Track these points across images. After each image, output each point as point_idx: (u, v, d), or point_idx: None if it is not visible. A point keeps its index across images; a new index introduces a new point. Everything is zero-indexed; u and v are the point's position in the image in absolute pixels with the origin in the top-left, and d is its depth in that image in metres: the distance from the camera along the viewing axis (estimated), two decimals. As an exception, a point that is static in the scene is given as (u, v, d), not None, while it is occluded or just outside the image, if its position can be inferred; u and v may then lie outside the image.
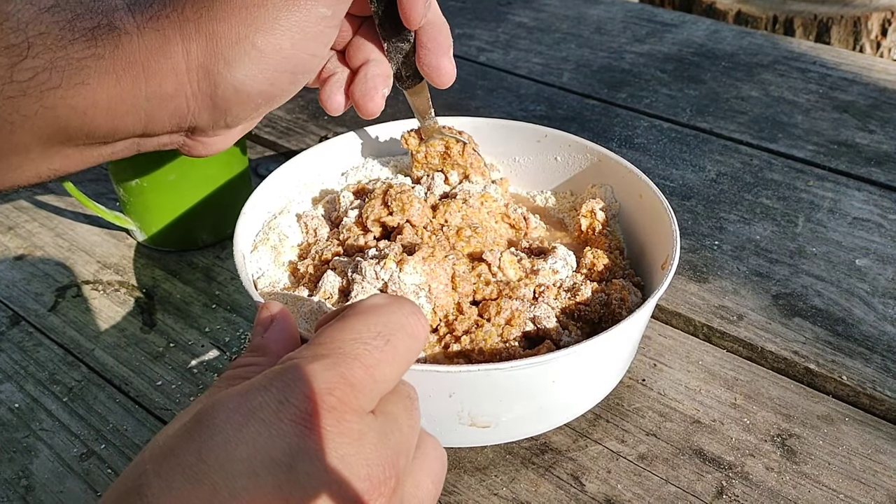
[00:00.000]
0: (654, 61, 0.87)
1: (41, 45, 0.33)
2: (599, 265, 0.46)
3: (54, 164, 0.37)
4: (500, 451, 0.44)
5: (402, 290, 0.41)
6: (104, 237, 0.62)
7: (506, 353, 0.40)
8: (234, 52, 0.37)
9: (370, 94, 0.45)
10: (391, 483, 0.27)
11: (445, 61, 0.45)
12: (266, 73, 0.38)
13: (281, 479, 0.25)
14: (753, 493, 0.41)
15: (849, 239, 0.59)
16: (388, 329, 0.30)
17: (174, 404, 0.47)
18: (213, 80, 0.37)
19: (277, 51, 0.38)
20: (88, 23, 0.35)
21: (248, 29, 0.37)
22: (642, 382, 0.48)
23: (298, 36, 0.38)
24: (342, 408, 0.27)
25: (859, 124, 0.73)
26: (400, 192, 0.47)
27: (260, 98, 0.39)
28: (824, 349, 0.49)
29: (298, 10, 0.38)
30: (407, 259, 0.42)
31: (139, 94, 0.36)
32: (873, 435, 0.44)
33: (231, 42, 0.37)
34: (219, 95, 0.38)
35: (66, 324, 0.53)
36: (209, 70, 0.37)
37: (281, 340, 0.33)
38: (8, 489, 0.43)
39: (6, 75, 0.33)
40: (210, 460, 0.25)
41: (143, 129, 0.37)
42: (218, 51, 0.37)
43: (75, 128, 0.35)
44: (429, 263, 0.42)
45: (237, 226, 0.45)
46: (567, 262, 0.45)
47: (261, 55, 0.38)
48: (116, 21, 0.35)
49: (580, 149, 0.53)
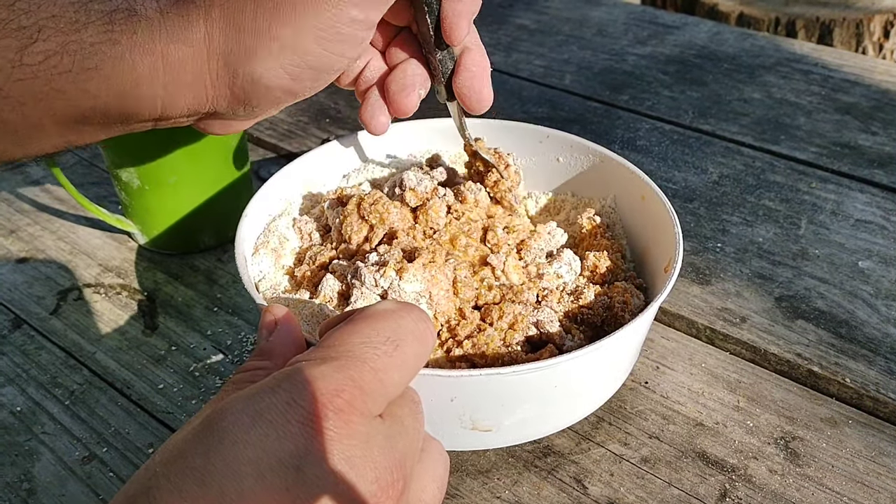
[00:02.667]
0: (655, 63, 0.86)
1: (52, 28, 0.33)
2: (602, 268, 0.46)
3: (69, 137, 0.37)
4: (502, 455, 0.43)
5: (403, 298, 0.41)
6: (106, 240, 0.62)
7: (508, 357, 0.40)
8: (257, 44, 0.36)
9: (407, 90, 0.44)
10: (398, 486, 0.27)
11: (486, 89, 0.45)
12: (288, 69, 0.37)
13: (289, 481, 0.25)
14: (757, 496, 0.41)
15: (852, 241, 0.59)
16: (397, 334, 0.30)
17: (176, 407, 0.47)
18: (233, 70, 0.36)
19: (301, 48, 0.37)
20: (106, 6, 0.34)
21: (274, 22, 0.36)
22: (645, 385, 0.48)
23: (325, 35, 0.37)
24: (350, 410, 0.27)
25: (862, 126, 0.73)
26: (373, 203, 0.45)
27: (280, 91, 0.38)
28: (827, 351, 0.49)
29: (328, 9, 0.36)
30: (407, 267, 0.41)
31: (156, 81, 0.35)
32: (877, 437, 0.44)
33: (255, 33, 0.36)
34: (237, 85, 0.37)
35: (68, 327, 0.53)
36: (229, 59, 0.36)
37: (286, 344, 0.33)
38: (10, 492, 0.42)
39: (16, 58, 0.32)
40: (218, 462, 0.25)
41: (159, 114, 0.37)
42: (241, 39, 0.36)
43: (87, 110, 0.35)
44: (429, 270, 0.42)
45: (239, 229, 0.45)
46: (572, 266, 0.45)
47: (283, 50, 0.37)
48: (137, 4, 0.34)
49: (582, 150, 0.53)
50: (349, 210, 0.46)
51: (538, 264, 0.45)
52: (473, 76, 0.44)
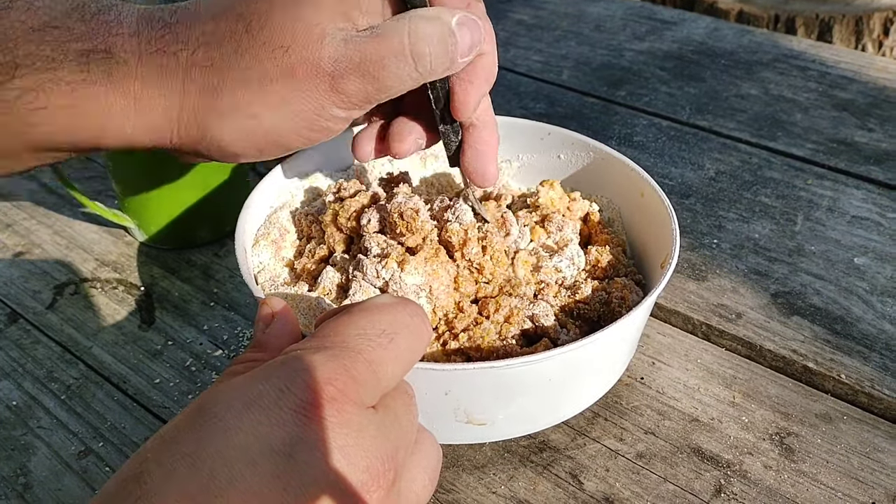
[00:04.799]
0: (653, 59, 0.86)
1: (29, 66, 0.33)
2: (603, 262, 0.46)
3: (44, 160, 0.38)
4: (498, 450, 0.44)
5: (403, 291, 0.41)
6: (102, 235, 0.62)
7: (503, 351, 0.40)
8: (232, 116, 0.37)
9: (402, 134, 0.43)
10: (390, 476, 0.27)
11: (491, 167, 0.44)
12: (258, 144, 0.38)
13: (279, 468, 0.25)
14: (752, 492, 0.41)
15: (847, 237, 0.59)
16: (392, 327, 0.30)
17: (172, 402, 0.47)
18: (203, 131, 0.37)
19: (276, 131, 0.37)
20: (83, 45, 0.34)
21: (254, 98, 0.36)
22: (641, 381, 0.48)
23: (302, 125, 0.37)
24: (343, 399, 0.27)
25: (858, 123, 0.73)
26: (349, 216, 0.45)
27: (243, 158, 0.39)
28: (823, 348, 0.49)
29: (310, 101, 0.36)
30: (409, 259, 0.41)
31: (126, 122, 0.36)
32: (871, 433, 0.44)
33: (233, 106, 0.36)
34: (202, 144, 0.38)
35: (64, 321, 0.53)
36: (200, 119, 0.37)
37: (282, 336, 0.33)
38: (6, 487, 0.42)
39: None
40: (209, 447, 0.25)
41: (126, 145, 0.37)
42: (215, 105, 0.36)
43: (61, 142, 0.36)
44: (431, 264, 0.42)
45: (239, 220, 0.45)
46: (574, 262, 0.45)
47: (257, 127, 0.37)
48: (115, 47, 0.35)
49: (583, 147, 0.53)
50: (326, 222, 0.46)
51: (539, 256, 0.45)
52: (478, 155, 0.44)
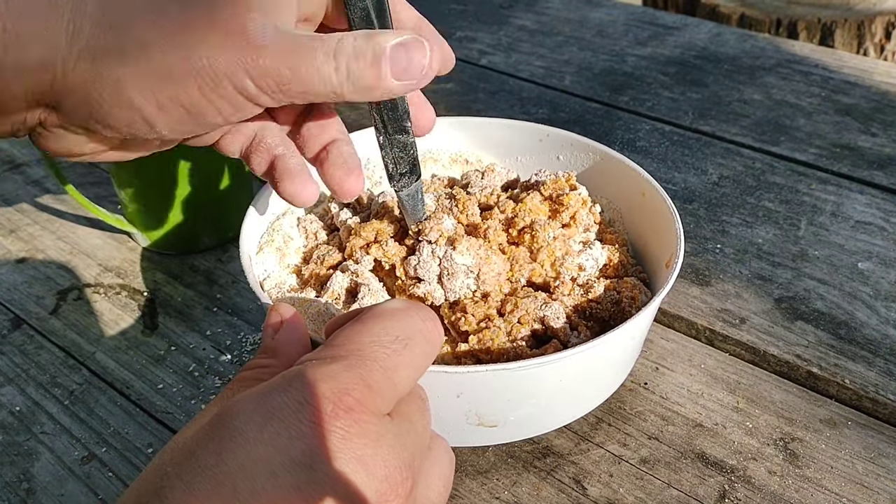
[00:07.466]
0: (656, 64, 0.86)
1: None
2: (614, 261, 0.46)
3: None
4: (501, 455, 0.43)
5: (453, 269, 0.41)
6: (106, 240, 0.62)
7: (513, 352, 0.40)
8: (137, 55, 0.31)
9: (353, 171, 0.39)
10: (408, 484, 0.27)
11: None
12: (158, 95, 0.32)
13: (300, 480, 0.25)
14: (756, 497, 0.41)
15: (851, 242, 0.59)
16: (406, 333, 0.30)
17: (175, 407, 0.47)
18: (98, 70, 0.32)
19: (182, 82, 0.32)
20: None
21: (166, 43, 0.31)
22: (644, 386, 0.48)
23: (208, 80, 0.32)
24: (360, 409, 0.27)
25: (862, 127, 0.73)
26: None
27: (138, 116, 0.33)
28: (827, 353, 0.49)
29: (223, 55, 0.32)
30: (461, 239, 0.42)
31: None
32: (876, 439, 0.44)
33: (139, 43, 0.31)
34: (95, 87, 0.32)
35: (68, 327, 0.53)
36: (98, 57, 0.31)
37: (292, 342, 0.33)
38: (9, 492, 0.42)
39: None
40: (230, 461, 0.25)
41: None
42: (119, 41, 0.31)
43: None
44: (484, 248, 0.42)
45: (243, 227, 0.45)
46: (598, 261, 0.45)
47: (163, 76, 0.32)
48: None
49: (582, 147, 0.53)
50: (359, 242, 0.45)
51: (568, 250, 0.45)
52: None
